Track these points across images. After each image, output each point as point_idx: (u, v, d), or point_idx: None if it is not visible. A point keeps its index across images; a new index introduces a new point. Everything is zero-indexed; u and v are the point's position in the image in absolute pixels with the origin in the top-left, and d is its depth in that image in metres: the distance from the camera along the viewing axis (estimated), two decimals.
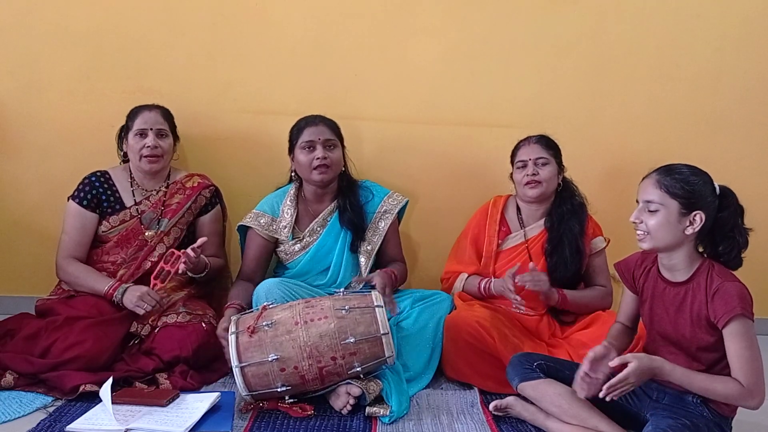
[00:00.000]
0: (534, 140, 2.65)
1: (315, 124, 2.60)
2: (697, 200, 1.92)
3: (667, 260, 2.01)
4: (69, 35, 2.88)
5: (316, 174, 2.57)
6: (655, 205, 1.93)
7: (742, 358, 1.85)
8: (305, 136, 2.58)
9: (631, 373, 1.83)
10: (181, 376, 2.32)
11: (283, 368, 2.11)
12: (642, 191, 1.99)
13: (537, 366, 2.13)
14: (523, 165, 2.62)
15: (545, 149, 2.62)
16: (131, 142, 2.62)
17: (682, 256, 1.98)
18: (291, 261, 2.67)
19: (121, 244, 2.63)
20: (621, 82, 2.97)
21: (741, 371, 1.85)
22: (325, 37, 2.92)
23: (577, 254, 2.59)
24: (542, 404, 2.08)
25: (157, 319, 2.48)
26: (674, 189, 1.92)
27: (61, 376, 2.22)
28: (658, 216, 1.93)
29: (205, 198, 2.75)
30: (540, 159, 2.60)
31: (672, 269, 2.01)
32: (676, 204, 1.92)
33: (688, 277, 1.98)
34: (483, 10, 2.91)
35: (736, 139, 3.01)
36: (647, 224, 1.95)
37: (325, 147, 2.57)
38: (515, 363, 2.17)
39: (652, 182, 1.96)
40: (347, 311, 2.17)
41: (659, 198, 1.93)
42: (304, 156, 2.58)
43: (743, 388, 1.84)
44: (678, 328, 1.99)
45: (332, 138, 2.61)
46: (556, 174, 2.63)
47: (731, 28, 2.93)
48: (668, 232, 1.93)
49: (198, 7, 2.88)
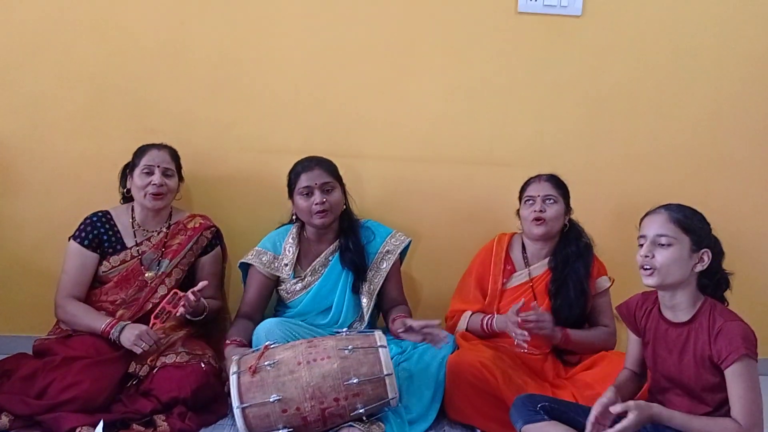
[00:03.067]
0: (545, 178, 2.65)
1: (311, 169, 2.58)
2: (705, 238, 1.92)
3: (669, 300, 2.00)
4: (72, 75, 2.90)
5: (316, 218, 2.57)
6: (668, 239, 1.92)
7: (743, 398, 1.84)
8: (302, 182, 2.57)
9: (630, 425, 1.82)
10: (179, 417, 2.29)
11: (285, 409, 2.08)
12: (650, 226, 1.97)
13: (541, 408, 2.09)
14: (532, 201, 2.62)
15: (555, 188, 2.62)
16: (136, 179, 2.62)
17: (685, 295, 1.97)
18: (292, 300, 2.65)
19: (120, 284, 2.61)
20: (621, 121, 2.99)
21: (741, 412, 1.84)
22: (326, 76, 2.95)
23: (582, 296, 2.58)
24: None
25: (155, 359, 2.45)
26: (686, 224, 1.92)
27: (57, 419, 2.19)
28: (672, 251, 1.92)
29: (207, 239, 2.75)
30: (549, 197, 2.60)
31: (674, 309, 2.00)
32: (688, 239, 1.92)
33: (690, 317, 1.97)
34: (483, 49, 2.94)
35: (738, 178, 3.01)
36: (657, 259, 1.93)
37: (322, 191, 2.57)
38: (519, 405, 2.13)
39: (664, 217, 1.95)
40: (350, 351, 2.14)
41: (672, 232, 1.92)
42: (303, 201, 2.58)
43: (742, 428, 1.82)
44: (682, 370, 1.97)
45: (329, 180, 2.59)
46: (563, 214, 2.63)
47: (731, 66, 2.95)
48: (679, 268, 1.92)
49: (201, 47, 2.91)
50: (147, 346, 2.40)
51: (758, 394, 1.86)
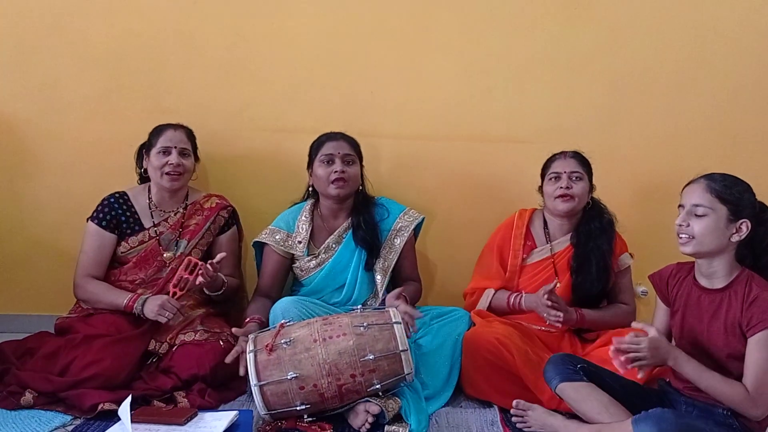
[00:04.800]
0: (570, 155, 2.64)
1: (335, 139, 2.62)
2: (744, 209, 1.92)
3: (706, 267, 2.00)
4: (89, 56, 2.92)
5: (333, 188, 2.58)
6: (704, 209, 1.93)
7: (759, 367, 1.85)
8: (325, 150, 2.60)
9: (646, 343, 1.85)
10: (199, 394, 2.31)
11: (303, 386, 2.09)
12: (689, 195, 1.98)
13: (581, 368, 2.08)
14: (557, 177, 2.61)
15: (580, 165, 2.61)
16: (153, 159, 2.64)
17: (722, 263, 1.97)
18: (306, 278, 2.66)
19: (139, 264, 2.64)
20: (638, 97, 2.95)
21: (752, 379, 1.85)
22: (341, 55, 2.94)
23: (605, 272, 2.57)
24: (582, 406, 2.02)
25: (174, 337, 2.48)
26: (724, 194, 1.92)
27: (80, 395, 2.22)
28: (707, 220, 1.92)
29: (224, 218, 2.76)
30: (575, 173, 2.59)
31: (711, 276, 2.00)
32: (725, 210, 1.92)
33: (727, 284, 1.97)
34: (498, 26, 2.91)
35: (758, 152, 2.97)
36: (693, 228, 1.94)
37: (343, 161, 2.59)
38: (557, 362, 2.13)
39: (702, 186, 1.95)
40: (366, 328, 2.16)
41: (709, 202, 1.92)
42: (322, 169, 2.59)
43: (748, 395, 1.83)
44: (711, 336, 1.97)
45: (351, 153, 2.63)
46: (588, 191, 2.62)
47: (749, 41, 2.90)
48: (715, 238, 1.92)
49: (215, 27, 2.91)
50: (171, 314, 2.42)
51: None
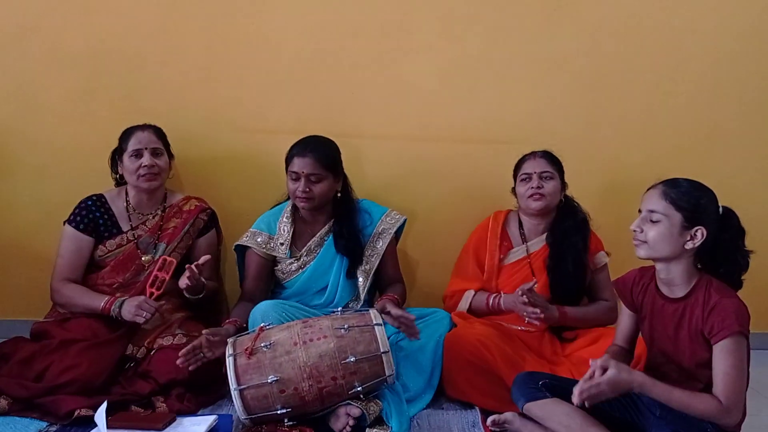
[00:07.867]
0: (539, 154, 2.66)
1: (303, 156, 2.53)
2: (701, 216, 1.91)
3: (664, 274, 2.00)
4: (64, 57, 2.88)
5: (299, 202, 2.57)
6: (658, 215, 1.93)
7: (728, 376, 1.84)
8: (291, 167, 2.55)
9: (603, 381, 1.82)
10: (177, 399, 2.29)
11: (283, 390, 2.08)
12: (646, 201, 1.98)
13: (542, 385, 2.08)
14: (528, 178, 2.63)
15: (550, 164, 2.63)
16: (127, 164, 2.60)
17: (679, 270, 1.97)
18: (288, 280, 2.65)
19: (117, 268, 2.61)
20: (617, 97, 2.97)
21: (723, 389, 1.83)
22: (321, 55, 2.92)
23: (581, 269, 2.59)
24: (549, 424, 2.03)
25: (153, 341, 2.45)
26: (680, 201, 1.92)
27: (56, 401, 2.19)
28: (660, 227, 1.93)
29: (203, 221, 2.73)
30: (545, 173, 2.61)
31: (670, 284, 2.00)
32: (680, 216, 1.91)
33: (686, 292, 1.97)
34: (478, 27, 2.91)
35: (733, 153, 3.01)
36: (647, 234, 1.94)
37: (308, 180, 2.52)
38: (520, 383, 2.13)
39: (658, 193, 1.95)
40: (346, 330, 2.14)
41: (663, 209, 1.93)
42: (290, 184, 2.57)
43: (722, 406, 1.82)
44: (677, 346, 1.97)
45: (317, 172, 2.52)
46: (560, 189, 2.65)
47: (727, 41, 2.94)
48: (668, 244, 1.93)
49: (193, 27, 2.88)
50: (149, 315, 2.39)
51: (743, 373, 1.85)
